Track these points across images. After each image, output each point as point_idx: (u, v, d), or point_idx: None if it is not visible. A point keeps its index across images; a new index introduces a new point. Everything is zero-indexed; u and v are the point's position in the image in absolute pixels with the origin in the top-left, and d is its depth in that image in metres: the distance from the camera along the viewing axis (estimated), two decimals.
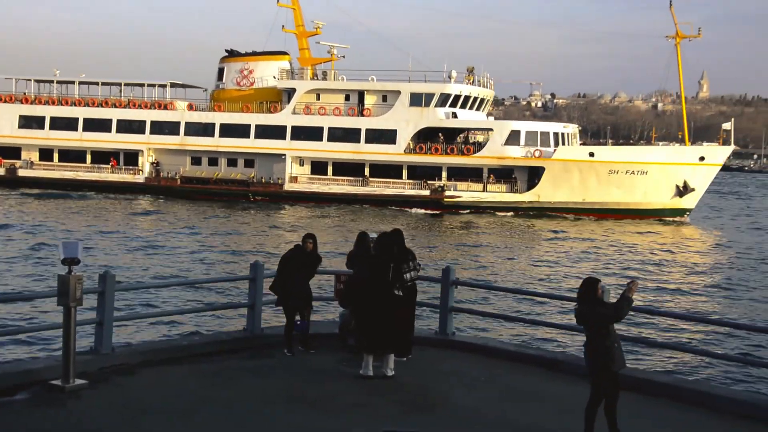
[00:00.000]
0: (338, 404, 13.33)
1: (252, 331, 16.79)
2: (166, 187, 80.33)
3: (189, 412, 12.60)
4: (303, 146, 78.66)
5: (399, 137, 76.49)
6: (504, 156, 74.85)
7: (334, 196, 76.80)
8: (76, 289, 13.01)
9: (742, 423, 12.94)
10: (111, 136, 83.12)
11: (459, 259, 47.36)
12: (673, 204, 74.49)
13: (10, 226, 53.29)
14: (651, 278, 42.99)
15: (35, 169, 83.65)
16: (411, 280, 15.14)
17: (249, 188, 78.88)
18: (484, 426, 12.54)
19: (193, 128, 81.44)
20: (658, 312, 27.46)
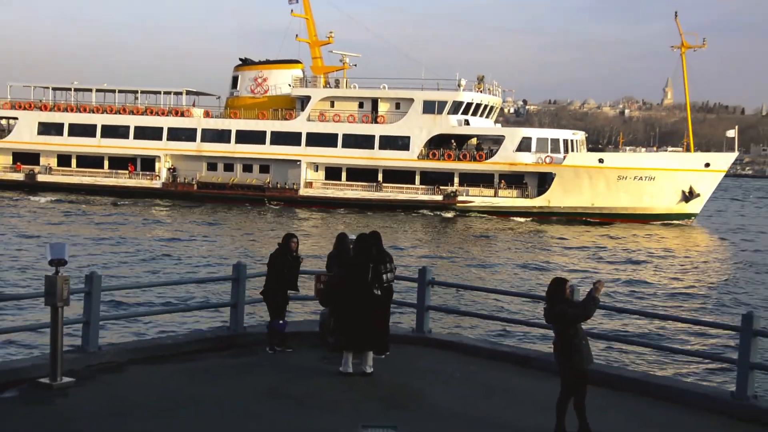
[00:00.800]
0: (318, 401, 13.38)
1: (235, 330, 16.93)
2: (183, 192, 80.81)
3: (174, 409, 12.64)
4: (318, 152, 78.85)
5: (412, 144, 77.04)
6: (515, 162, 75.42)
7: (349, 201, 77.23)
8: (63, 289, 13.07)
9: (709, 416, 13.15)
10: (128, 142, 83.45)
11: (455, 258, 48.76)
12: (679, 209, 74.94)
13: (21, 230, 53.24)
14: (638, 278, 44.05)
15: (54, 174, 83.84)
16: (388, 281, 15.24)
17: (265, 193, 79.18)
18: (459, 421, 12.62)
19: (209, 135, 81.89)
20: (626, 310, 27.86)
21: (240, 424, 12.09)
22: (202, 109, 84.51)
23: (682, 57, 77.10)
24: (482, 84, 79.76)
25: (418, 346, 16.97)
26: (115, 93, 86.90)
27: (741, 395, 13.33)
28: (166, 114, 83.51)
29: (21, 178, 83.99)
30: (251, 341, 16.61)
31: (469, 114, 77.72)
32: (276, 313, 16.14)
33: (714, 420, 13.01)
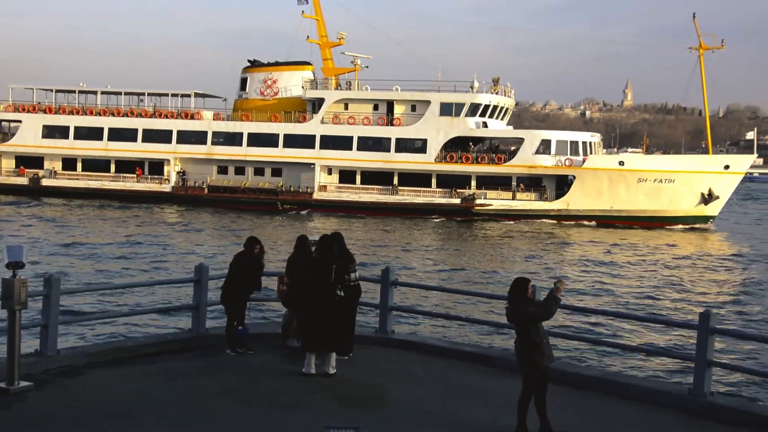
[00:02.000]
0: (281, 401, 13.13)
1: (197, 332, 16.62)
2: (193, 197, 78.03)
3: (135, 412, 12.27)
4: (332, 155, 76.54)
5: (429, 146, 74.90)
6: (535, 165, 73.61)
7: (364, 205, 74.85)
8: (20, 292, 12.72)
9: (667, 413, 13.18)
10: (137, 145, 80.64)
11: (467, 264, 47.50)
12: (697, 211, 73.07)
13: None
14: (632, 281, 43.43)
15: (59, 178, 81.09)
16: (353, 281, 15.22)
17: (278, 197, 76.62)
18: (421, 420, 12.46)
19: (220, 137, 79.22)
20: (587, 309, 27.82)
21: (202, 426, 11.84)
22: (211, 112, 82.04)
23: (700, 58, 74.75)
24: (497, 86, 77.74)
25: (381, 346, 16.78)
26: (121, 95, 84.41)
27: (698, 392, 13.41)
28: (176, 116, 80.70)
29: (25, 183, 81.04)
30: (213, 343, 16.28)
31: (486, 116, 75.58)
32: (237, 318, 15.89)
33: (672, 416, 13.03)
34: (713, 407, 13.18)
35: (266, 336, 16.85)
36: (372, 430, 10.51)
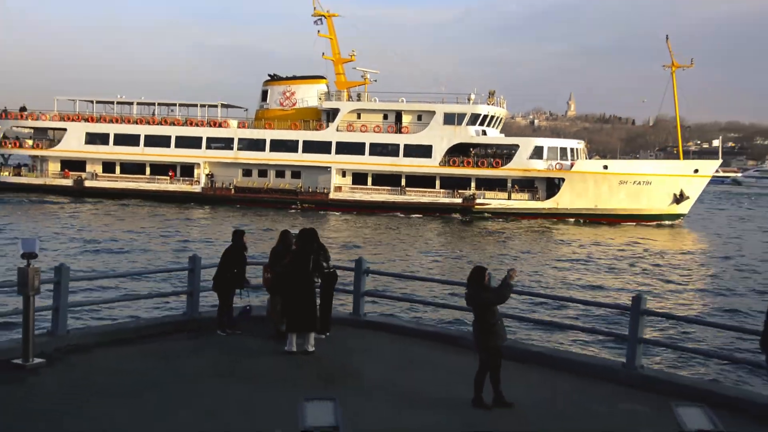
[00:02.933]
0: (266, 377, 13.05)
1: (191, 315, 16.41)
2: (221, 197, 75.93)
3: (136, 386, 12.13)
4: (347, 159, 74.65)
5: (434, 151, 73.17)
6: (529, 168, 72.10)
7: (375, 204, 73.02)
8: (34, 280, 12.67)
9: (604, 384, 13.22)
10: (170, 150, 78.69)
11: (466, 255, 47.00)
12: (670, 210, 72.04)
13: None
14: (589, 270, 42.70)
15: (99, 180, 79.48)
16: (328, 269, 15.46)
17: (298, 197, 74.70)
18: (390, 392, 12.35)
19: (245, 143, 77.27)
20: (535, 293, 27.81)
21: (195, 399, 11.66)
22: (236, 120, 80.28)
23: (672, 76, 72.76)
24: (493, 98, 76.05)
25: (355, 327, 16.68)
26: (154, 105, 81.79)
27: (630, 365, 13.55)
28: (205, 125, 78.95)
29: (69, 184, 79.20)
30: (205, 325, 16.09)
31: (485, 125, 74.20)
32: (227, 304, 15.82)
33: (608, 387, 13.11)
34: (644, 379, 13.27)
35: (252, 318, 16.46)
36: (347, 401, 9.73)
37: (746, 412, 11.81)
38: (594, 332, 22.48)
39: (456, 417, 11.28)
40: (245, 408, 11.40)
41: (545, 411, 11.77)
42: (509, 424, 11.11)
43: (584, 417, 11.62)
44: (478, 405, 11.62)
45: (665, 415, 9.55)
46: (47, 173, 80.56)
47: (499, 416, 11.38)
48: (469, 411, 11.53)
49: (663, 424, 10.06)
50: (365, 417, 10.94)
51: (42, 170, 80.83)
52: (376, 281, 30.02)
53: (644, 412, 11.87)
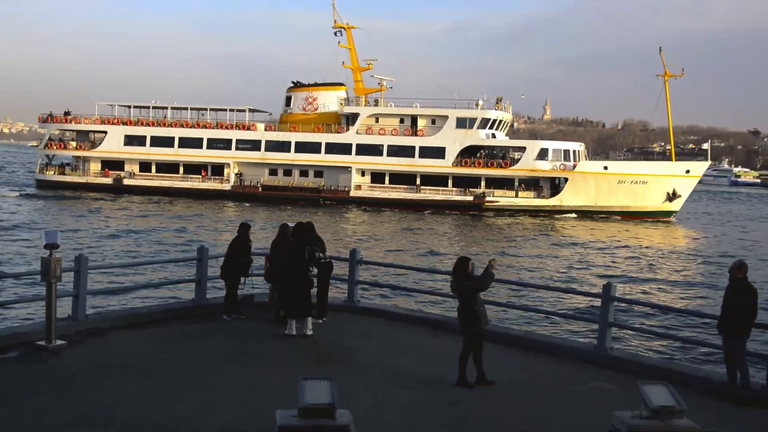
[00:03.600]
0: (267, 359, 12.85)
1: (199, 301, 16.18)
2: (250, 194, 74.67)
3: (148, 366, 12.06)
4: (366, 160, 73.14)
5: (447, 153, 71.84)
6: (535, 169, 70.92)
7: (393, 201, 71.73)
8: (56, 268, 12.49)
9: (577, 364, 13.10)
10: (202, 151, 77.34)
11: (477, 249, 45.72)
12: (663, 207, 71.21)
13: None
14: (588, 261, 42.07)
15: (137, 178, 78.15)
16: (324, 259, 15.08)
17: (320, 194, 73.54)
18: (381, 373, 12.24)
19: (271, 145, 75.62)
20: (513, 282, 27.25)
21: (202, 378, 11.55)
22: (263, 124, 79.06)
23: (665, 84, 70.98)
24: (500, 104, 74.66)
25: (349, 313, 16.46)
26: (187, 110, 79.72)
27: (601, 347, 13.50)
28: (234, 128, 77.38)
29: (109, 182, 78.15)
30: (212, 310, 15.88)
31: (493, 128, 73.00)
32: (233, 291, 15.53)
33: (580, 367, 13.01)
34: (613, 359, 13.29)
35: (255, 305, 16.45)
36: (342, 381, 9.61)
37: (705, 389, 11.85)
38: (569, 317, 22.40)
39: (442, 395, 11.30)
40: (249, 386, 11.30)
41: (523, 389, 11.82)
42: (491, 401, 11.15)
43: (559, 394, 11.60)
44: (461, 384, 11.62)
45: (632, 393, 9.37)
46: (89, 172, 79.54)
47: (481, 394, 11.41)
48: (453, 389, 11.53)
49: (630, 400, 9.75)
50: (359, 395, 10.85)
51: (84, 170, 79.85)
52: (378, 271, 30.42)
53: (613, 389, 11.84)
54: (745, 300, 11.29)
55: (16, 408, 9.93)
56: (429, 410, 10.60)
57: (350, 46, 78.46)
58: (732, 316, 11.37)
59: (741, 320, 11.33)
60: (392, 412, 10.45)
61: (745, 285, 11.46)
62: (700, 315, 20.04)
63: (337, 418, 7.88)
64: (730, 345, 11.54)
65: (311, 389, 7.95)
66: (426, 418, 10.31)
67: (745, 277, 11.54)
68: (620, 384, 11.88)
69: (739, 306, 11.31)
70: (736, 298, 11.37)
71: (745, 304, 11.28)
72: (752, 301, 11.31)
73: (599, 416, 9.91)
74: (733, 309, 11.36)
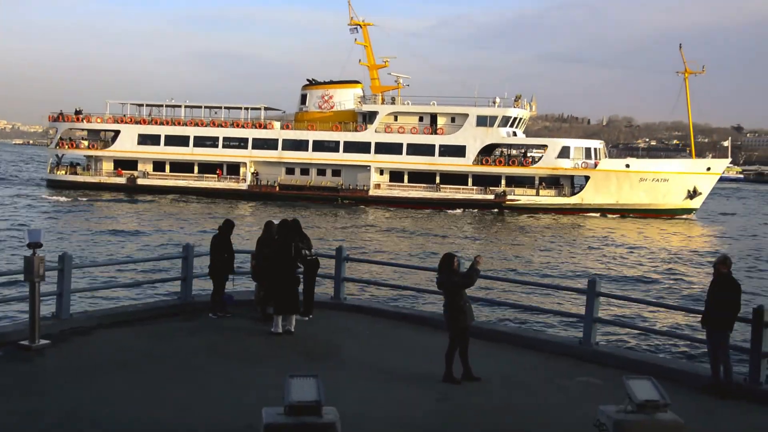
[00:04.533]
0: (254, 355, 12.83)
1: (185, 299, 16.02)
2: (267, 193, 73.59)
3: (134, 364, 12.01)
4: (385, 159, 72.16)
5: (468, 151, 70.83)
6: (557, 167, 70.05)
7: (412, 200, 70.69)
8: (39, 267, 12.38)
9: (562, 359, 13.18)
10: (218, 150, 76.40)
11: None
12: (684, 204, 70.16)
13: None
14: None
15: (151, 178, 77.05)
16: (310, 256, 15.02)
17: (338, 193, 72.59)
18: (367, 369, 12.22)
19: (289, 144, 74.59)
20: (500, 278, 25.90)
21: (189, 376, 11.53)
22: (279, 122, 77.84)
23: (685, 81, 69.95)
24: (519, 101, 73.27)
25: (336, 310, 16.36)
26: (201, 108, 77.75)
27: (586, 342, 13.61)
28: (251, 127, 76.32)
29: (123, 182, 77.10)
30: (198, 308, 15.79)
31: (514, 126, 72.05)
32: (220, 288, 15.43)
33: (566, 362, 13.10)
34: (598, 354, 13.39)
35: (241, 303, 16.24)
36: (328, 377, 9.39)
37: (689, 383, 11.95)
38: (556, 313, 22.05)
39: (429, 390, 11.35)
40: (235, 384, 11.29)
41: (509, 384, 11.87)
42: (477, 396, 11.16)
43: (545, 389, 11.69)
44: (448, 380, 11.69)
45: (617, 387, 9.46)
46: (101, 172, 78.50)
47: (467, 389, 11.46)
48: (440, 385, 11.58)
49: (616, 394, 9.76)
50: (345, 391, 10.77)
51: (96, 169, 78.76)
52: (374, 269, 30.75)
53: (598, 384, 11.93)
54: (729, 295, 11.44)
55: (1, 408, 9.85)
56: (415, 406, 10.67)
57: (366, 43, 77.75)
58: (716, 311, 11.53)
59: (725, 315, 11.48)
60: (379, 409, 10.50)
61: (729, 280, 11.59)
62: (685, 310, 20.47)
63: (324, 415, 7.91)
64: (714, 339, 11.68)
65: (297, 386, 7.98)
66: (412, 413, 10.38)
67: (730, 272, 11.65)
68: (606, 378, 12.04)
69: (723, 301, 11.45)
70: (720, 293, 11.53)
71: (729, 299, 11.42)
72: (736, 296, 11.48)
73: (585, 410, 10.00)
74: (717, 304, 11.51)
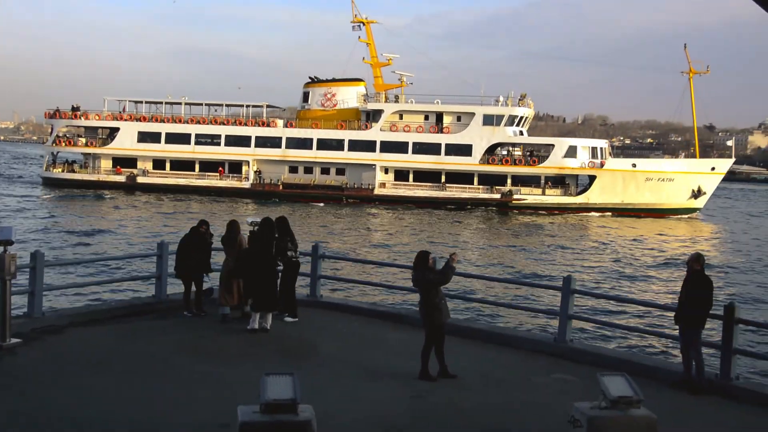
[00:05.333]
0: (230, 354, 12.66)
1: (159, 297, 15.91)
2: (270, 192, 73.00)
3: (107, 363, 11.81)
4: (391, 157, 71.94)
5: (474, 150, 70.87)
6: (564, 167, 70.44)
7: (418, 199, 70.49)
8: (10, 265, 12.12)
9: (538, 356, 13.20)
10: (220, 149, 75.68)
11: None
12: (688, 204, 70.82)
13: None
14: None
15: (150, 176, 76.15)
16: (294, 257, 14.91)
17: (343, 192, 72.24)
18: (344, 367, 12.13)
19: (292, 142, 74.12)
20: (475, 275, 25.67)
21: (164, 374, 11.35)
22: (281, 120, 77.61)
23: (690, 81, 69.71)
24: (524, 100, 73.71)
25: (312, 308, 16.13)
26: (202, 106, 76.98)
27: (561, 339, 13.60)
28: (253, 124, 75.65)
29: (123, 180, 76.02)
30: (173, 306, 15.55)
31: (519, 125, 72.30)
32: (192, 287, 15.10)
33: (541, 359, 13.11)
34: (573, 351, 13.41)
35: (216, 300, 15.73)
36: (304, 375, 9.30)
37: (663, 379, 12.07)
38: (529, 310, 21.60)
39: (405, 388, 11.31)
40: (210, 382, 11.18)
41: (485, 381, 11.88)
42: (453, 393, 11.16)
43: (520, 386, 11.75)
44: (424, 377, 11.71)
45: (593, 384, 9.42)
46: (99, 170, 77.38)
47: (443, 387, 11.45)
48: (416, 383, 11.55)
49: (590, 391, 9.79)
50: (321, 389, 10.72)
51: (95, 167, 77.53)
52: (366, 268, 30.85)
53: (573, 381, 11.98)
54: (701, 292, 11.63)
55: None
56: (392, 404, 10.66)
57: (369, 41, 77.65)
58: (688, 308, 11.71)
59: (697, 312, 11.66)
60: (355, 406, 10.49)
61: (702, 277, 11.76)
62: (662, 307, 20.62)
63: (300, 413, 7.84)
64: (686, 336, 11.87)
65: (273, 384, 7.90)
66: (389, 411, 10.35)
67: (702, 269, 11.82)
68: (581, 375, 12.10)
69: (695, 298, 11.64)
70: (692, 291, 11.70)
71: (702, 297, 11.61)
72: (708, 294, 11.66)
73: (560, 407, 9.99)
74: (690, 301, 11.68)
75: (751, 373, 17.53)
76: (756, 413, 10.91)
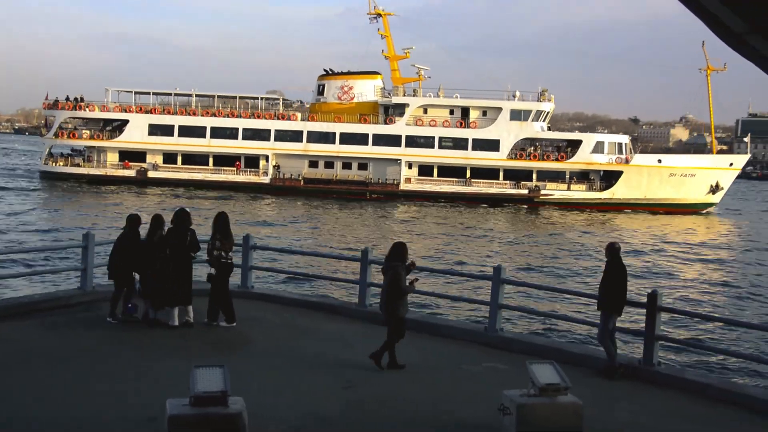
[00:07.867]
0: (158, 347, 12.26)
1: (84, 289, 15.25)
2: (290, 187, 71.34)
3: (30, 357, 11.32)
4: (416, 152, 71.29)
5: (502, 146, 70.97)
6: (592, 162, 71.29)
7: (444, 195, 70.31)
8: None
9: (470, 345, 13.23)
10: (237, 142, 73.14)
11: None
12: (705, 199, 72.46)
13: None
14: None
15: (161, 171, 73.16)
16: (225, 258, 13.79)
17: (367, 188, 71.42)
18: (277, 358, 11.94)
19: (314, 136, 72.21)
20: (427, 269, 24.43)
21: (90, 369, 10.95)
22: (299, 113, 76.26)
23: (707, 78, 69.21)
24: (545, 95, 73.74)
25: (244, 299, 15.70)
26: (214, 98, 74.00)
27: (492, 329, 13.91)
28: (272, 118, 73.51)
29: (132, 174, 73.03)
30: (100, 299, 14.95)
31: (544, 121, 72.95)
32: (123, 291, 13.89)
33: (474, 348, 13.33)
34: (503, 340, 13.73)
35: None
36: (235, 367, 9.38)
37: (591, 367, 12.49)
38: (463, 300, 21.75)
39: (338, 378, 11.34)
40: (139, 376, 10.91)
41: (418, 370, 11.89)
42: (385, 383, 11.24)
43: (452, 375, 11.82)
44: (393, 367, 11.82)
45: (522, 371, 9.70)
46: (105, 164, 74.37)
47: (376, 377, 11.49)
48: (348, 373, 11.58)
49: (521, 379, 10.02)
50: (253, 381, 10.67)
51: (100, 161, 74.48)
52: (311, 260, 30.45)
53: (504, 369, 12.28)
54: (616, 280, 12.16)
55: None
56: (324, 394, 10.65)
57: (387, 34, 77.29)
58: (603, 295, 12.29)
59: (611, 298, 12.19)
60: (287, 398, 10.37)
61: (617, 265, 12.27)
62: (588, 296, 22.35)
63: (230, 405, 7.77)
64: (604, 322, 12.36)
65: (203, 377, 7.81)
66: (321, 402, 10.32)
67: (618, 257, 12.28)
68: (511, 363, 12.38)
69: (610, 285, 12.16)
70: (607, 278, 12.26)
71: (616, 284, 12.14)
72: (622, 280, 12.22)
73: (491, 395, 10.08)
74: (606, 288, 12.21)
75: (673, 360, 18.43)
76: (677, 399, 11.33)
